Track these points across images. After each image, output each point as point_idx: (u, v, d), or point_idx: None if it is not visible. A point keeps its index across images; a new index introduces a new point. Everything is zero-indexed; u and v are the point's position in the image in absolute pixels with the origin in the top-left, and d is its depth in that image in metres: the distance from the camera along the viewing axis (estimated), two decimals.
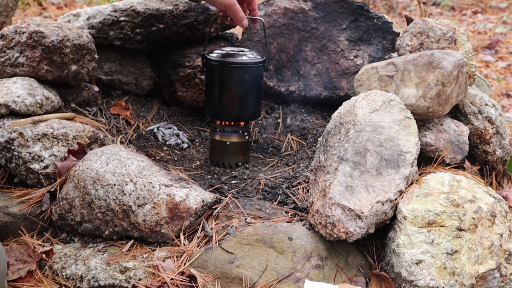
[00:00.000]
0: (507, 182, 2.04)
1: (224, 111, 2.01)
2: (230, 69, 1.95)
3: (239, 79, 1.96)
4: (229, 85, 1.98)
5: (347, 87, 2.26)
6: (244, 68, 1.95)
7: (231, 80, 1.97)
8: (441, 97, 1.73)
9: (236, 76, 1.96)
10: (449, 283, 1.44)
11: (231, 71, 1.96)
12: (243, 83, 1.97)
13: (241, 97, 1.99)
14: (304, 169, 1.98)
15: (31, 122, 1.82)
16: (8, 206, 1.74)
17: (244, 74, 1.96)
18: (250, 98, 2.01)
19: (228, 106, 2.00)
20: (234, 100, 2.00)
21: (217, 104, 2.01)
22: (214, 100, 2.01)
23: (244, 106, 2.01)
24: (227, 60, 1.95)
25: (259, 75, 2.00)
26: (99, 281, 1.55)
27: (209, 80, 2.02)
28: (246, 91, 1.99)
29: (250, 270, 1.50)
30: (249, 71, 1.96)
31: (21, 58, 1.94)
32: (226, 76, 1.97)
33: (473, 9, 6.71)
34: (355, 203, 1.49)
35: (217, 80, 1.98)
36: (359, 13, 2.27)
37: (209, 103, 2.04)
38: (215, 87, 1.99)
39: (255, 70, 1.97)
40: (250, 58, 1.97)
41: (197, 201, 1.66)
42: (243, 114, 2.01)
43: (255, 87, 2.01)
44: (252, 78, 1.98)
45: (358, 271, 1.55)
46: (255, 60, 1.97)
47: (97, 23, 2.19)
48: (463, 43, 2.07)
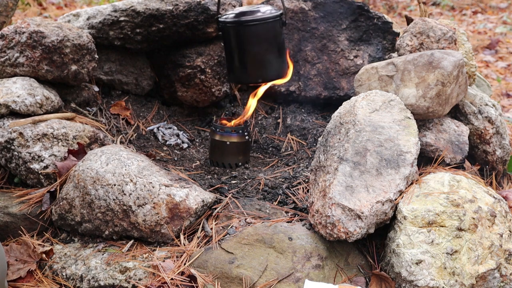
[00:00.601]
0: (507, 182, 2.04)
1: (248, 74, 1.91)
2: (247, 28, 1.84)
3: (257, 37, 1.85)
4: (249, 45, 1.87)
5: (347, 87, 2.26)
6: (260, 24, 1.83)
7: (249, 39, 1.86)
8: (441, 97, 1.73)
9: (253, 34, 1.85)
10: (449, 283, 1.44)
11: (247, 30, 1.84)
12: (263, 40, 1.86)
13: (263, 56, 1.88)
14: (304, 169, 1.98)
15: (31, 122, 1.82)
16: (8, 206, 1.74)
17: (262, 30, 1.84)
18: (272, 56, 1.90)
19: (251, 67, 1.89)
20: (256, 60, 1.89)
21: (239, 67, 1.90)
22: (236, 64, 1.90)
23: (267, 65, 1.89)
24: (242, 19, 1.83)
25: (277, 29, 1.88)
26: (99, 281, 1.55)
27: (227, 44, 1.91)
28: (266, 49, 1.87)
29: (250, 270, 1.50)
30: (266, 26, 1.84)
31: (21, 58, 1.94)
32: (244, 36, 1.86)
33: (473, 9, 6.71)
34: (355, 203, 1.49)
35: (235, 42, 1.87)
36: (359, 13, 2.27)
37: (231, 68, 1.93)
38: (234, 50, 1.89)
39: (272, 25, 1.86)
40: (265, 13, 1.86)
41: (197, 201, 1.66)
42: (268, 74, 1.91)
43: (276, 43, 1.89)
44: (271, 34, 1.86)
45: (358, 271, 1.55)
46: (271, 14, 1.86)
47: (97, 23, 2.19)
48: (463, 43, 2.07)
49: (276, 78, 1.97)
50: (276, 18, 1.86)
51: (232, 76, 1.95)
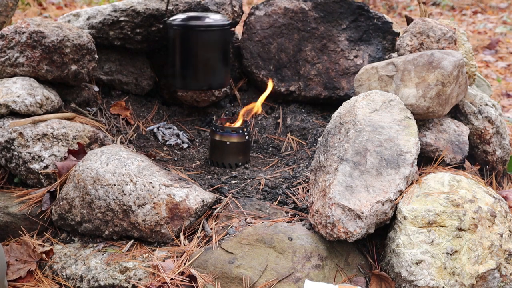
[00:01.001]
0: (507, 182, 2.04)
1: (193, 80, 1.89)
2: (195, 33, 1.82)
3: (205, 43, 1.83)
4: (195, 51, 1.84)
5: (347, 87, 2.26)
6: (209, 31, 1.82)
7: (196, 45, 1.84)
8: (441, 97, 1.73)
9: (201, 40, 1.83)
10: (449, 283, 1.44)
11: (195, 35, 1.82)
12: (210, 47, 1.85)
13: (209, 63, 1.87)
14: (304, 169, 1.98)
15: (31, 122, 1.82)
16: (8, 206, 1.74)
17: (210, 37, 1.83)
18: (218, 64, 1.89)
19: (197, 73, 1.87)
20: (202, 67, 1.87)
21: (184, 72, 1.88)
22: (181, 69, 1.89)
23: (212, 73, 1.89)
24: (191, 23, 1.81)
25: (225, 39, 1.87)
26: (99, 281, 1.55)
27: (172, 47, 1.89)
28: (213, 56, 1.86)
29: (250, 270, 1.50)
30: (215, 34, 1.83)
31: (21, 58, 1.94)
32: (191, 41, 1.83)
33: (473, 9, 6.71)
34: (355, 203, 1.49)
35: (183, 46, 1.85)
36: (359, 13, 2.27)
37: (176, 73, 1.91)
38: (180, 54, 1.86)
39: (221, 33, 1.85)
40: (215, 20, 1.84)
41: (197, 201, 1.66)
42: (214, 82, 1.91)
43: (222, 51, 1.88)
44: (218, 42, 1.85)
45: (358, 271, 1.55)
46: (220, 22, 1.84)
47: (97, 23, 2.19)
48: (463, 43, 2.07)
49: (220, 87, 1.99)
50: (225, 27, 1.86)
51: (178, 82, 1.94)
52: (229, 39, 1.89)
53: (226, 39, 1.88)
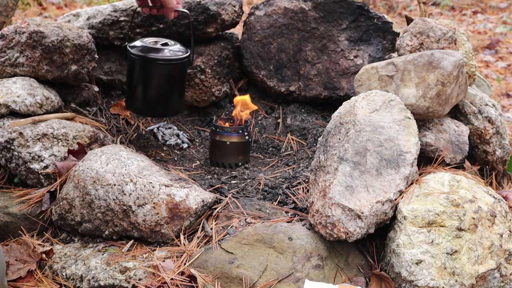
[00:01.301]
0: (507, 182, 2.04)
1: (149, 107, 1.95)
2: (153, 65, 1.87)
3: (163, 75, 1.89)
4: (150, 80, 1.89)
5: (347, 87, 2.26)
6: (167, 64, 1.87)
7: (154, 76, 1.89)
8: (441, 97, 1.73)
9: (159, 72, 1.88)
10: (449, 283, 1.44)
11: (153, 67, 1.87)
12: (168, 79, 1.90)
13: (166, 93, 1.93)
14: (304, 169, 1.98)
15: (31, 122, 1.82)
16: (8, 206, 1.74)
17: (168, 70, 1.88)
18: (175, 94, 1.95)
19: (153, 101, 1.93)
20: (159, 96, 1.93)
21: (141, 99, 1.94)
22: (138, 95, 1.94)
23: (169, 101, 1.95)
24: (149, 55, 1.86)
25: (183, 69, 1.93)
26: (99, 281, 1.55)
27: (131, 73, 1.94)
28: (171, 87, 1.92)
29: (250, 270, 1.50)
30: (173, 67, 1.88)
31: (21, 58, 1.94)
32: (149, 71, 1.88)
33: (473, 9, 6.71)
34: (355, 203, 1.49)
35: (138, 73, 1.90)
36: (359, 13, 2.27)
37: (132, 98, 1.96)
38: (136, 80, 1.91)
39: (179, 66, 1.90)
40: (173, 53, 1.89)
41: (197, 201, 1.66)
42: (169, 110, 1.98)
43: (180, 82, 1.94)
44: (175, 74, 1.91)
45: (358, 271, 1.55)
46: (178, 56, 1.89)
47: (97, 23, 2.19)
48: (463, 43, 2.07)
49: (174, 114, 2.07)
50: (183, 60, 1.90)
51: (133, 106, 1.99)
52: (186, 70, 1.98)
53: (183, 71, 1.95)
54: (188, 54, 1.93)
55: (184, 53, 1.92)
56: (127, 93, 2.00)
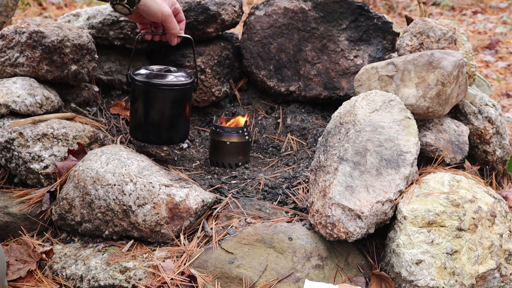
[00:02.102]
0: (507, 182, 2.04)
1: (155, 134, 1.92)
2: (155, 90, 1.86)
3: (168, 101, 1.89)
4: (154, 107, 1.89)
5: (347, 87, 2.26)
6: (170, 90, 1.87)
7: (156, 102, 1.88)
8: (441, 97, 1.73)
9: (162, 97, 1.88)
10: (449, 283, 1.44)
11: (156, 92, 1.87)
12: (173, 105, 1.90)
13: (172, 119, 1.92)
14: (304, 169, 1.98)
15: (31, 122, 1.82)
16: (8, 206, 1.74)
17: (172, 95, 1.88)
18: (181, 120, 1.94)
19: (159, 128, 1.92)
20: (165, 122, 1.91)
21: (146, 126, 1.92)
22: (143, 123, 1.92)
23: (176, 128, 1.94)
24: (152, 81, 1.85)
25: (188, 95, 1.93)
26: (99, 281, 1.55)
27: (133, 100, 1.92)
28: (176, 113, 1.91)
29: (250, 270, 1.50)
30: (176, 92, 1.88)
31: (21, 58, 1.94)
32: (154, 97, 1.88)
33: (473, 9, 6.71)
34: (355, 203, 1.49)
35: (145, 101, 1.89)
36: (359, 13, 2.27)
37: (138, 126, 1.94)
38: (140, 108, 1.90)
39: (183, 91, 1.89)
40: (177, 78, 1.88)
41: (197, 201, 1.66)
42: (175, 137, 1.96)
43: (185, 108, 1.93)
44: (181, 99, 1.90)
45: (358, 271, 1.55)
46: (181, 81, 1.88)
47: (97, 23, 2.19)
48: (463, 43, 2.07)
49: (181, 141, 2.05)
50: (186, 86, 1.89)
51: (139, 134, 1.96)
52: (191, 96, 1.97)
53: (188, 97, 1.94)
54: (192, 80, 1.92)
55: (188, 79, 1.91)
56: (131, 122, 1.97)
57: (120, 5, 1.68)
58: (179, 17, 1.85)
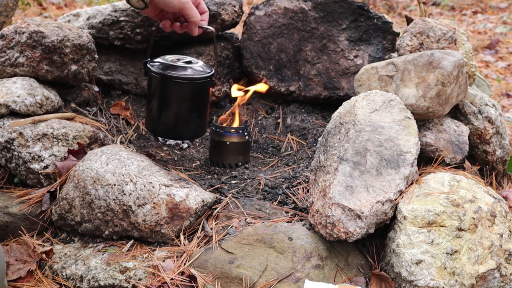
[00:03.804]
0: (507, 182, 2.04)
1: (165, 128, 1.84)
2: (171, 83, 1.76)
3: (180, 94, 1.78)
4: (170, 100, 1.79)
5: (347, 87, 2.26)
6: (186, 83, 1.77)
7: (172, 94, 1.78)
8: (441, 97, 1.73)
9: (177, 90, 1.77)
10: (449, 283, 1.44)
11: (172, 85, 1.76)
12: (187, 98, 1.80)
13: (184, 114, 1.82)
14: (304, 169, 1.98)
15: (31, 122, 1.82)
16: (8, 206, 1.74)
17: (187, 89, 1.77)
18: (194, 115, 1.83)
19: (170, 123, 1.83)
20: (177, 117, 1.82)
21: (158, 119, 1.83)
22: (156, 116, 1.84)
23: (188, 123, 1.83)
24: (167, 73, 1.75)
25: (205, 90, 1.81)
26: (99, 281, 1.56)
27: (149, 90, 1.84)
28: (190, 108, 1.81)
29: (250, 270, 1.50)
30: (192, 86, 1.77)
31: (21, 58, 1.94)
32: (167, 89, 1.77)
33: (473, 9, 6.71)
34: (355, 203, 1.49)
35: (158, 92, 1.79)
36: (359, 13, 2.27)
37: (150, 118, 1.86)
38: (155, 100, 1.81)
39: (200, 85, 1.78)
40: (195, 71, 1.78)
41: (197, 201, 1.66)
42: (186, 132, 1.87)
43: (201, 103, 1.83)
44: (196, 94, 1.80)
45: (358, 271, 1.55)
46: (200, 75, 1.78)
47: (97, 23, 2.19)
48: (463, 43, 2.07)
49: (194, 138, 1.92)
50: (205, 80, 1.78)
51: (149, 126, 1.88)
52: (208, 91, 1.83)
53: (205, 91, 1.82)
54: (212, 73, 1.81)
55: (208, 71, 1.80)
56: (146, 114, 1.89)
57: None
58: (201, 8, 1.74)
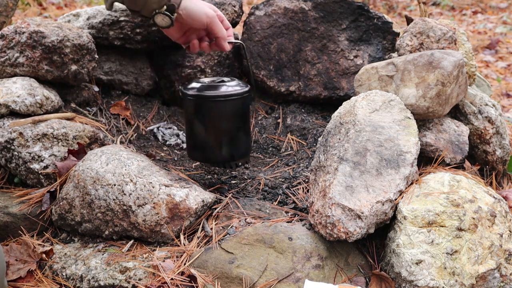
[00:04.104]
0: (507, 182, 2.04)
1: (212, 152, 1.79)
2: (209, 103, 1.73)
3: (219, 114, 1.75)
4: (208, 121, 1.75)
5: (347, 87, 2.27)
6: (224, 101, 1.73)
7: (210, 116, 1.75)
8: (441, 97, 1.73)
9: (215, 110, 1.74)
10: (449, 283, 1.44)
11: (209, 105, 1.73)
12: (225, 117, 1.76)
13: (230, 134, 1.78)
14: (304, 169, 1.98)
15: (31, 122, 1.82)
16: (8, 206, 1.74)
17: (225, 107, 1.74)
18: (240, 134, 1.80)
19: (217, 145, 1.78)
20: (223, 138, 1.77)
21: (202, 144, 1.78)
22: (198, 140, 1.79)
23: (236, 143, 1.79)
24: (204, 93, 1.72)
25: (245, 106, 1.78)
26: (99, 281, 1.56)
27: (188, 117, 1.80)
28: (235, 127, 1.77)
29: (250, 270, 1.50)
30: (230, 103, 1.74)
31: (21, 58, 1.94)
32: (207, 111, 1.74)
33: (473, 9, 6.71)
34: (355, 203, 1.49)
35: (198, 116, 1.76)
36: (359, 13, 2.27)
37: (193, 144, 1.81)
38: (197, 124, 1.77)
39: (238, 102, 1.75)
40: (230, 88, 1.75)
41: (197, 201, 1.66)
42: (236, 153, 1.81)
43: (244, 120, 1.79)
44: (235, 111, 1.77)
45: (358, 271, 1.55)
46: (237, 91, 1.75)
47: (97, 23, 2.19)
48: (463, 43, 2.07)
49: (245, 157, 1.86)
50: (242, 95, 1.76)
51: (198, 154, 1.83)
52: (248, 107, 1.80)
53: (246, 107, 1.79)
54: (248, 89, 1.78)
55: (244, 87, 1.78)
56: (187, 140, 1.84)
57: (161, 15, 1.55)
58: (225, 24, 1.69)
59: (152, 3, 1.52)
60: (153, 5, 1.52)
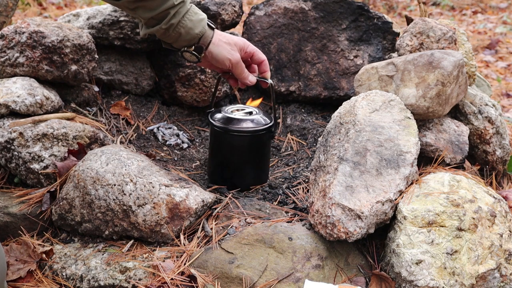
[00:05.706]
0: (507, 182, 2.04)
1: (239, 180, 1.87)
2: (232, 136, 1.81)
3: (241, 146, 1.84)
4: (230, 152, 1.85)
5: (347, 87, 2.27)
6: (245, 136, 1.81)
7: (233, 147, 1.84)
8: (441, 97, 1.73)
9: (238, 143, 1.83)
10: (449, 283, 1.44)
11: (233, 138, 1.82)
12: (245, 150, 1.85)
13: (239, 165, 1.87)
14: (304, 169, 1.98)
15: (31, 122, 1.82)
16: (8, 206, 1.74)
17: (246, 141, 1.83)
18: (263, 163, 1.89)
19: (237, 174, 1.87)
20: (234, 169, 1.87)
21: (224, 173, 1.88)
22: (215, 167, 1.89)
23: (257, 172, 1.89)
24: (229, 127, 1.80)
25: (263, 141, 1.85)
26: (99, 281, 1.56)
27: (211, 143, 1.89)
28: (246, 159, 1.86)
29: (250, 270, 1.50)
30: (251, 137, 1.82)
31: (21, 58, 1.94)
32: (225, 142, 1.84)
33: (473, 9, 6.71)
34: (355, 203, 1.49)
35: (218, 145, 1.86)
36: (359, 13, 2.27)
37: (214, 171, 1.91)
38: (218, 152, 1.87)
39: (258, 137, 1.83)
40: (254, 122, 1.82)
41: (197, 201, 1.66)
42: (254, 182, 1.89)
43: (258, 154, 1.87)
44: (255, 145, 1.84)
45: (358, 271, 1.55)
46: (258, 127, 1.81)
47: (97, 23, 2.19)
48: (463, 43, 2.07)
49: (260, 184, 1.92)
50: (263, 131, 1.82)
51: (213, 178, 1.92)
52: (267, 140, 1.87)
53: (264, 141, 1.86)
54: (269, 125, 1.84)
55: (267, 122, 1.84)
56: (208, 164, 1.95)
57: (189, 53, 1.67)
58: (256, 59, 1.76)
59: (182, 41, 1.64)
60: (184, 43, 1.65)
